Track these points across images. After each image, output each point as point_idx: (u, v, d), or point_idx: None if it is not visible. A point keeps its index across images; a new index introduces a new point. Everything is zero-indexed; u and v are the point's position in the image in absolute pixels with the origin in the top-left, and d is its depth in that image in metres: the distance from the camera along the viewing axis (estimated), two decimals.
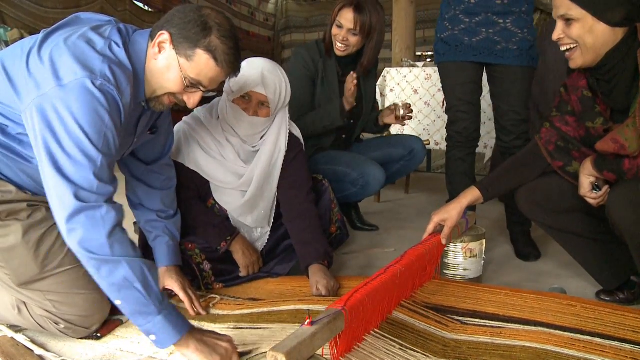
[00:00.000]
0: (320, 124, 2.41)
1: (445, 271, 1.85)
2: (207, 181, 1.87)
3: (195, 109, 1.90)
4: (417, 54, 4.56)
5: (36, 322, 1.44)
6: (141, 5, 6.92)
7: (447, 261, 1.84)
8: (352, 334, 1.28)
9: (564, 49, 1.53)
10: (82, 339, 1.47)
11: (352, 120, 2.54)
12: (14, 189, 1.38)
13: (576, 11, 1.46)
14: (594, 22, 1.45)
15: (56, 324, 1.43)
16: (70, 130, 1.17)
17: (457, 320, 1.50)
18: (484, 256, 1.88)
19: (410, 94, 3.82)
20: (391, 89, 3.89)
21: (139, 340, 1.46)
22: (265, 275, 1.90)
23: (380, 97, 3.88)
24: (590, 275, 1.81)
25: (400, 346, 1.33)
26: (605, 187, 1.54)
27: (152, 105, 1.40)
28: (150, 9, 7.01)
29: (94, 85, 1.18)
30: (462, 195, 1.78)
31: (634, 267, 1.60)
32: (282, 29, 9.95)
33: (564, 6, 1.48)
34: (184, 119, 1.90)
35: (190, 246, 1.80)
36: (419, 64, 3.92)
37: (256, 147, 1.85)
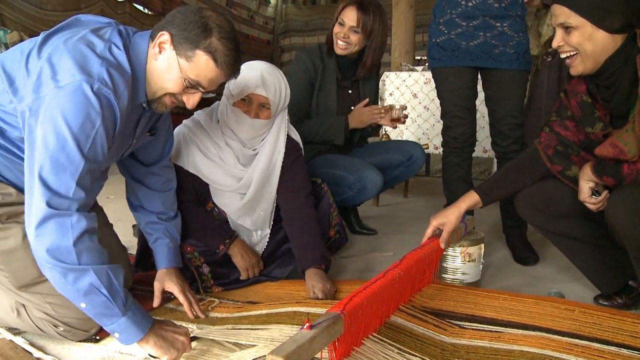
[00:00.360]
0: (321, 136, 2.42)
1: (443, 275, 1.85)
2: (206, 184, 1.87)
3: (195, 112, 1.90)
4: (416, 58, 4.58)
5: (35, 324, 1.44)
6: (141, 7, 6.92)
7: (445, 265, 1.84)
8: (351, 338, 1.28)
9: (564, 56, 1.54)
10: (81, 341, 1.47)
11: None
12: (14, 192, 1.37)
13: (575, 19, 1.47)
14: (593, 29, 1.46)
15: (55, 326, 1.43)
16: (58, 130, 1.16)
17: (456, 324, 1.50)
18: (482, 260, 1.88)
19: (409, 98, 3.83)
20: (390, 93, 3.90)
21: None
22: (264, 278, 1.90)
23: (379, 102, 3.88)
24: (588, 279, 1.82)
25: (398, 350, 1.33)
26: (604, 192, 1.55)
27: (154, 106, 1.40)
28: (149, 12, 7.01)
29: (91, 89, 1.18)
30: (461, 199, 1.78)
31: (632, 272, 1.61)
32: (281, 33, 9.97)
33: (563, 14, 1.49)
34: (184, 122, 1.90)
35: (189, 249, 1.80)
36: (418, 68, 3.93)
37: (256, 151, 1.85)
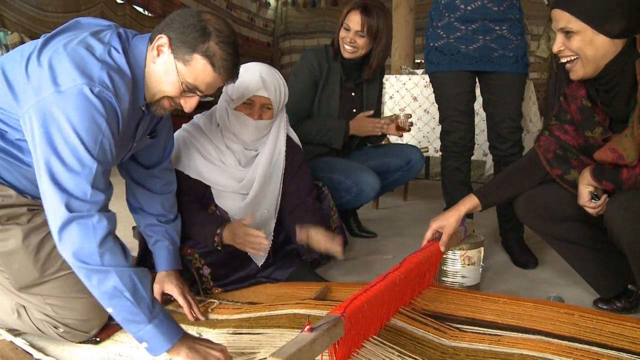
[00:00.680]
0: (320, 138, 2.42)
1: (443, 278, 1.85)
2: (207, 188, 1.87)
3: (195, 116, 1.91)
4: (416, 61, 4.57)
5: (35, 326, 1.44)
6: (141, 10, 6.93)
7: (445, 268, 1.84)
8: (351, 341, 1.28)
9: (565, 60, 1.54)
10: (81, 343, 1.47)
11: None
12: (14, 193, 1.37)
13: (576, 24, 1.47)
14: (594, 34, 1.46)
15: (55, 328, 1.43)
16: (67, 137, 1.17)
17: (456, 327, 1.50)
18: (482, 263, 1.88)
19: (409, 102, 3.83)
20: (390, 96, 3.90)
21: (138, 345, 1.44)
22: (264, 280, 1.90)
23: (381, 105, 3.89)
24: (587, 283, 1.82)
25: (398, 353, 1.33)
26: (603, 197, 1.55)
27: (154, 109, 1.40)
28: (150, 14, 7.02)
29: (92, 92, 1.18)
30: (460, 202, 1.78)
31: (631, 275, 1.61)
32: (281, 35, 9.98)
33: (563, 19, 1.49)
34: (184, 126, 1.90)
35: (189, 251, 1.80)
36: (418, 71, 3.93)
37: (258, 151, 1.86)
